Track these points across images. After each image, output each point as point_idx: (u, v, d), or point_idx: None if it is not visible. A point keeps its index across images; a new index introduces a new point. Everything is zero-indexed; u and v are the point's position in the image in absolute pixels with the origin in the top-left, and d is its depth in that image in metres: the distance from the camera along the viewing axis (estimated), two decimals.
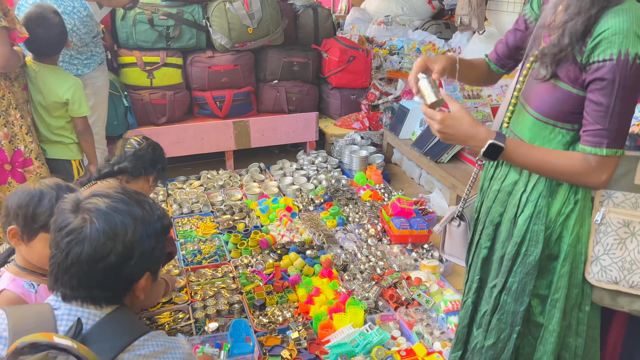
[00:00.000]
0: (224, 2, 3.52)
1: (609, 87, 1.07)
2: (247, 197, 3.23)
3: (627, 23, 1.04)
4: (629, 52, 1.03)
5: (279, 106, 3.87)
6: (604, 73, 1.06)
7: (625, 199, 1.16)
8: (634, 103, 1.10)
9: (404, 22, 5.94)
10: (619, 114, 1.08)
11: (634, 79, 1.05)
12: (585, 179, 1.17)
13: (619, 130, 1.10)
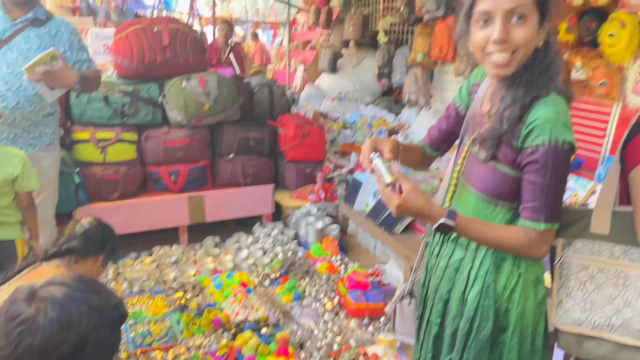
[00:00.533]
0: (181, 80, 3.62)
1: (542, 169, 1.19)
2: (200, 273, 3.17)
3: (554, 113, 1.18)
4: (558, 138, 1.17)
5: (235, 179, 3.90)
6: (537, 157, 1.19)
7: (583, 246, 1.28)
8: (565, 182, 1.24)
9: (356, 98, 6.23)
10: (553, 192, 1.21)
11: (563, 161, 1.19)
12: (528, 251, 1.26)
13: (554, 207, 1.22)
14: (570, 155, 1.20)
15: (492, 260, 1.33)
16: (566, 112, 1.21)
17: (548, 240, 1.25)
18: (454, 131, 1.51)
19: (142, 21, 3.69)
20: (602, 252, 1.25)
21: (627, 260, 1.22)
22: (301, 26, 10.17)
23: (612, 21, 3.38)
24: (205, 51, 4.20)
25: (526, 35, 1.17)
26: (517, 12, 1.16)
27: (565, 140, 1.17)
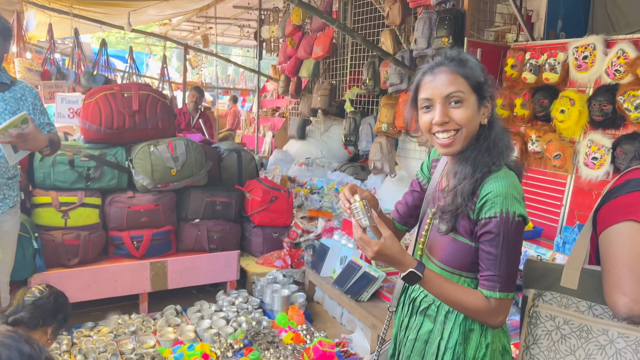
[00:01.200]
0: (149, 145, 3.62)
1: (496, 239, 1.25)
2: (160, 344, 3.03)
3: (505, 187, 1.26)
4: (509, 210, 1.24)
5: (200, 245, 3.84)
6: (491, 227, 1.25)
7: (553, 298, 1.34)
8: (519, 252, 1.31)
9: (323, 164, 6.35)
10: (507, 262, 1.27)
11: (515, 233, 1.26)
12: (485, 317, 1.31)
13: (509, 276, 1.28)
14: (522, 227, 1.27)
15: (461, 331, 1.36)
16: (517, 186, 1.28)
17: (504, 310, 1.29)
18: (419, 205, 1.56)
19: (113, 87, 3.73)
20: (569, 305, 1.31)
21: (591, 315, 1.28)
22: (270, 94, 10.46)
23: (562, 98, 3.62)
24: (175, 116, 4.25)
25: (464, 116, 1.28)
26: (453, 97, 1.28)
27: (516, 212, 1.24)
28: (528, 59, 3.89)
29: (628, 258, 1.18)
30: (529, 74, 3.84)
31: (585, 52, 3.49)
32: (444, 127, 1.29)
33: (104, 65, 7.14)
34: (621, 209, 1.24)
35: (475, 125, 1.30)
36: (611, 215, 1.25)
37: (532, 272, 1.39)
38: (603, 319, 1.27)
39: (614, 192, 1.29)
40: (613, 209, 1.26)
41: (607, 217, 1.26)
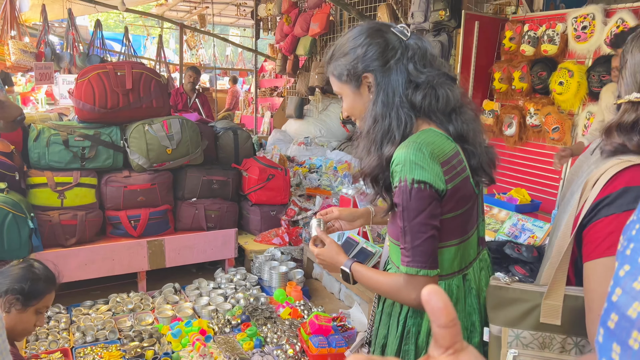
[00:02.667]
0: (143, 124, 3.60)
1: (399, 210, 1.20)
2: (158, 321, 3.05)
3: (404, 154, 1.18)
4: (407, 177, 1.16)
5: (197, 224, 3.84)
6: (395, 198, 1.21)
7: (533, 339, 1.09)
8: (424, 224, 1.18)
9: (322, 143, 6.32)
10: (410, 233, 1.18)
11: (416, 200, 1.16)
12: (399, 296, 1.25)
13: (415, 249, 1.18)
14: (423, 194, 1.15)
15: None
16: (422, 148, 1.17)
17: (416, 286, 1.20)
18: None
19: (105, 65, 3.69)
20: (552, 346, 1.07)
21: (579, 354, 1.05)
22: (269, 73, 10.38)
23: (561, 70, 3.57)
24: (169, 95, 4.21)
25: (346, 107, 1.37)
26: (339, 94, 1.38)
27: (414, 179, 1.15)
28: (526, 31, 3.83)
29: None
30: (527, 46, 3.79)
31: (584, 22, 3.43)
32: (350, 117, 1.40)
33: (99, 46, 7.07)
34: (615, 235, 0.97)
35: (363, 106, 1.31)
36: (603, 241, 0.99)
37: (500, 301, 1.13)
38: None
39: (605, 206, 1.00)
40: (606, 233, 0.99)
41: (597, 242, 1.00)
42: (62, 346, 2.75)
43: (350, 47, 1.29)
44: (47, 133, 3.43)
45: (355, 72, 1.28)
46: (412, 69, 1.24)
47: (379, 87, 1.26)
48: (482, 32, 4.09)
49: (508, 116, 3.98)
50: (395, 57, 1.25)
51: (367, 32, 1.28)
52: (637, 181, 0.97)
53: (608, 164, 1.03)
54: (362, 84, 1.29)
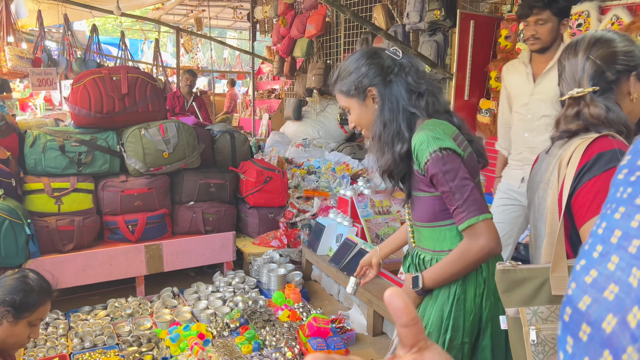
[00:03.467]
0: (139, 128, 3.59)
1: (440, 178, 1.38)
2: (157, 326, 3.04)
3: (424, 135, 1.40)
4: (434, 149, 1.38)
5: (195, 227, 3.83)
6: (431, 171, 1.39)
7: (550, 313, 1.14)
8: (465, 178, 1.37)
9: (321, 144, 6.31)
10: (459, 191, 1.36)
11: (450, 163, 1.37)
12: (470, 255, 1.38)
13: (467, 202, 1.36)
14: (453, 157, 1.37)
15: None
16: (436, 129, 1.41)
17: (483, 232, 1.35)
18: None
19: (101, 70, 3.68)
20: None
21: None
22: (266, 75, 10.38)
23: None
24: (165, 99, 4.21)
25: (354, 119, 1.56)
26: (346, 108, 1.58)
27: (440, 147, 1.37)
28: (522, 29, 3.81)
29: None
30: (523, 45, 3.78)
31: (579, 19, 3.42)
32: (357, 128, 1.59)
33: (95, 51, 7.07)
34: (603, 193, 1.11)
35: (368, 118, 1.52)
36: (592, 202, 1.14)
37: (510, 283, 1.19)
38: None
39: (585, 172, 1.17)
40: (593, 194, 1.14)
41: (587, 204, 1.15)
42: (61, 352, 2.75)
43: (354, 67, 1.52)
44: (43, 139, 3.42)
45: (361, 86, 1.50)
46: (411, 81, 1.48)
47: (383, 98, 1.48)
48: (477, 31, 4.09)
49: None
50: (394, 72, 1.48)
51: (367, 55, 1.51)
52: (606, 147, 1.17)
53: (572, 144, 1.23)
54: (367, 97, 1.51)
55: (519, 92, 2.66)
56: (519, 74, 2.66)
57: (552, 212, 1.22)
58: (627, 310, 0.34)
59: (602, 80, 1.25)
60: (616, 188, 0.42)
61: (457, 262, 1.40)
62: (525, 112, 2.61)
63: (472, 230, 1.35)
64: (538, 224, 1.38)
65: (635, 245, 0.36)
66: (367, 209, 3.68)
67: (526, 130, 2.62)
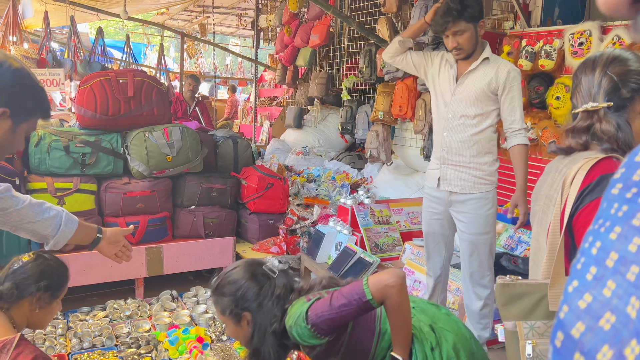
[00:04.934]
0: (144, 131, 3.62)
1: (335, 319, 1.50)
2: (155, 328, 3.05)
3: (295, 331, 1.50)
4: (305, 322, 1.48)
5: (196, 231, 3.85)
6: (325, 327, 1.50)
7: (547, 328, 1.16)
8: (326, 302, 1.48)
9: (321, 152, 6.35)
10: (341, 302, 1.50)
11: (320, 315, 1.47)
12: (401, 298, 1.47)
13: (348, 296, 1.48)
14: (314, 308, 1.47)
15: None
16: (290, 319, 1.52)
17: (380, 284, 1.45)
18: None
19: (108, 73, 3.72)
20: None
21: None
22: (268, 83, 10.44)
23: (557, 85, 3.63)
24: (170, 103, 4.24)
25: (229, 334, 1.67)
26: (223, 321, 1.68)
27: (304, 317, 1.48)
28: (524, 46, 3.88)
29: None
30: (525, 61, 3.84)
31: (581, 38, 3.48)
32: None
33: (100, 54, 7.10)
34: None
35: (244, 336, 1.62)
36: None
37: (508, 297, 1.20)
38: None
39: (587, 194, 1.19)
40: (593, 216, 1.14)
41: (588, 224, 1.13)
42: (59, 352, 2.75)
43: (234, 289, 1.59)
44: (48, 139, 3.45)
45: (236, 311, 1.59)
46: (276, 304, 1.57)
47: (255, 324, 1.58)
48: None
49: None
50: (267, 297, 1.57)
51: (247, 277, 1.60)
52: (609, 169, 1.18)
53: (577, 164, 1.24)
54: (242, 320, 1.59)
55: (443, 91, 2.68)
56: (446, 74, 2.67)
57: (554, 229, 1.23)
58: (624, 343, 0.32)
59: (618, 97, 1.26)
60: (609, 203, 0.39)
61: (400, 316, 1.47)
62: (446, 112, 2.63)
63: (377, 293, 1.42)
64: (539, 237, 1.40)
65: (634, 272, 0.34)
66: (367, 218, 3.71)
67: (445, 130, 2.64)
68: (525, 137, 2.56)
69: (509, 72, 2.50)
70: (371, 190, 4.73)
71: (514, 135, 2.56)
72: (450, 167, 2.63)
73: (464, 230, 2.64)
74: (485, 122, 2.57)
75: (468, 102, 2.55)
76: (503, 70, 2.51)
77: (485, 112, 2.56)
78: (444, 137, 2.65)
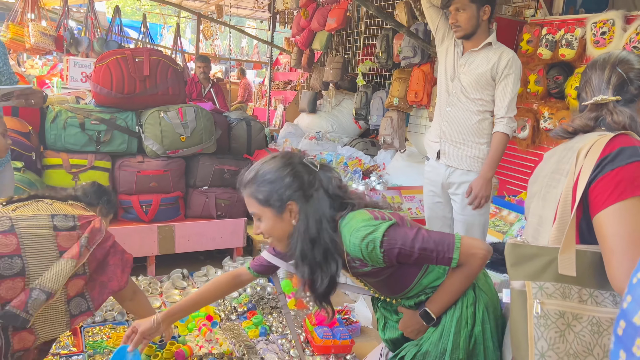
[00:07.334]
0: (159, 111, 3.64)
1: (404, 252, 1.45)
2: (166, 305, 3.09)
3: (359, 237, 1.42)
4: (380, 241, 1.41)
5: (208, 212, 3.88)
6: (392, 257, 1.44)
7: (555, 289, 1.18)
8: (415, 233, 1.45)
9: (334, 138, 6.32)
10: (426, 246, 1.46)
11: (399, 239, 1.44)
12: (476, 271, 1.47)
13: (437, 244, 1.45)
14: (395, 230, 1.40)
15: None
16: (359, 223, 1.41)
17: (471, 248, 1.43)
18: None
19: (124, 51, 3.73)
20: (571, 296, 1.17)
21: (594, 304, 1.16)
22: (283, 67, 10.39)
23: (577, 75, 3.56)
24: (185, 84, 4.24)
25: (264, 229, 1.50)
26: (256, 215, 1.52)
27: (383, 234, 1.38)
28: (544, 34, 3.81)
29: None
30: (545, 50, 3.77)
31: (603, 27, 3.41)
32: (264, 238, 1.55)
33: (117, 33, 7.12)
34: (625, 183, 1.16)
35: (283, 230, 1.49)
36: (614, 190, 1.17)
37: (519, 258, 1.23)
38: (607, 307, 1.15)
39: (608, 163, 1.21)
40: (614, 183, 1.18)
41: (608, 192, 1.18)
42: None
43: (275, 176, 1.47)
44: (65, 115, 3.48)
45: (282, 198, 1.46)
46: (331, 194, 1.49)
47: (306, 214, 1.46)
48: (499, 33, 4.06)
49: (522, 119, 3.97)
50: (314, 187, 1.47)
51: (289, 165, 1.48)
52: (628, 143, 1.21)
53: (590, 139, 1.28)
54: (286, 210, 1.47)
55: (448, 67, 2.77)
56: (453, 50, 2.77)
57: (566, 198, 1.25)
58: None
59: (626, 92, 1.36)
60: None
61: (462, 285, 1.47)
62: (452, 87, 2.73)
63: (462, 256, 1.40)
64: (543, 211, 1.41)
65: None
66: None
67: (449, 105, 2.74)
68: (507, 127, 2.62)
69: (509, 60, 2.58)
70: (383, 177, 4.71)
71: (497, 122, 2.63)
72: (449, 143, 2.74)
73: (459, 212, 2.74)
74: (486, 107, 2.66)
75: (470, 84, 2.64)
76: (505, 57, 2.59)
77: (487, 99, 2.65)
78: (446, 111, 2.75)
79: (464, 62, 2.68)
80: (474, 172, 2.66)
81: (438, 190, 2.84)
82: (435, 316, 1.51)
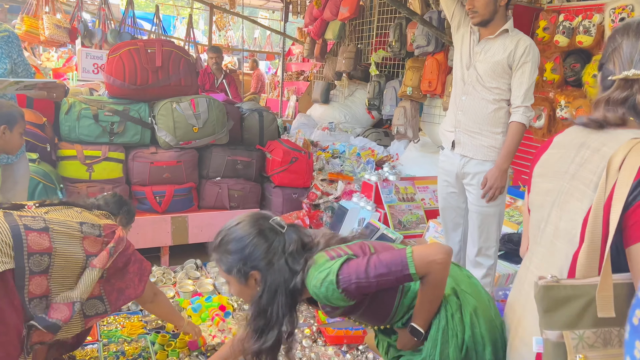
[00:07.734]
0: (171, 102, 3.65)
1: (363, 285, 1.44)
2: (179, 295, 3.12)
3: (319, 286, 1.43)
4: (334, 282, 1.41)
5: (221, 203, 3.89)
6: (356, 293, 1.45)
7: (597, 338, 1.00)
8: (368, 260, 1.45)
9: (347, 129, 6.29)
10: (380, 270, 1.45)
11: (353, 273, 1.43)
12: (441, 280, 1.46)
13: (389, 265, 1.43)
14: (348, 266, 1.39)
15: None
16: (315, 267, 1.43)
17: (425, 259, 1.41)
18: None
19: (137, 42, 3.74)
20: (612, 341, 1.00)
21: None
22: (296, 57, 10.35)
23: (595, 62, 3.48)
24: (197, 75, 4.24)
25: (233, 292, 1.58)
26: (226, 280, 1.56)
27: (336, 275, 1.38)
28: (561, 21, 3.73)
29: None
30: (562, 37, 3.69)
31: (622, 13, 3.32)
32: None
33: (130, 24, 7.14)
34: None
35: (250, 295, 1.52)
36: None
37: (553, 302, 1.03)
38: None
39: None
40: None
41: None
42: None
43: (239, 247, 1.48)
44: (78, 107, 3.50)
45: (243, 269, 1.48)
46: (291, 262, 1.47)
47: (264, 283, 1.47)
48: (515, 21, 3.96)
49: (538, 108, 3.90)
50: (277, 255, 1.47)
51: (253, 233, 1.48)
52: None
53: (621, 144, 1.04)
54: (250, 279, 1.50)
55: (463, 55, 2.72)
56: (468, 38, 2.71)
57: (595, 220, 1.04)
58: None
59: None
60: None
61: (434, 294, 1.45)
62: (468, 75, 2.67)
63: (420, 268, 1.37)
64: (561, 223, 1.18)
65: None
66: (392, 195, 3.68)
67: (464, 93, 2.68)
68: (524, 116, 2.55)
69: (526, 48, 2.51)
70: (396, 167, 4.68)
71: (514, 111, 2.57)
72: (464, 132, 2.68)
73: (474, 203, 2.68)
74: (502, 95, 2.60)
75: (486, 72, 2.58)
76: (522, 45, 2.53)
77: (503, 87, 2.59)
78: (462, 100, 2.69)
79: (480, 50, 2.62)
80: (490, 162, 2.61)
81: (452, 181, 2.79)
82: (422, 330, 1.51)
